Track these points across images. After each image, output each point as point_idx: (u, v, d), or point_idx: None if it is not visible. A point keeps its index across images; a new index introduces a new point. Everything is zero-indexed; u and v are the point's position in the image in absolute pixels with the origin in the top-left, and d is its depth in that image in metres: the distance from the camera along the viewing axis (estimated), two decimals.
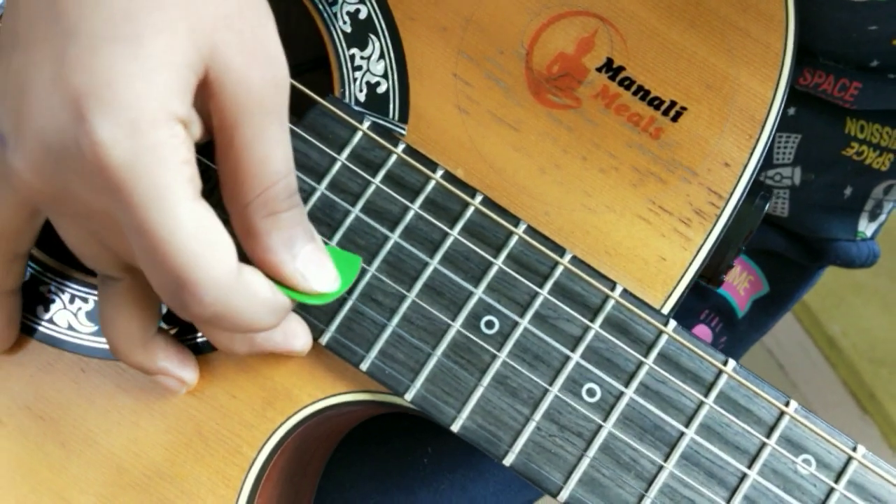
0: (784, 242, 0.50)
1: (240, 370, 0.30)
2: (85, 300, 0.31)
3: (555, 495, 0.28)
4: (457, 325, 0.29)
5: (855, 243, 0.50)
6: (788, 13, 0.31)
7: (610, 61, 0.31)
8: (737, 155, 0.30)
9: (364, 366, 0.29)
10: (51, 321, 0.30)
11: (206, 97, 0.24)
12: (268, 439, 0.29)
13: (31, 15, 0.24)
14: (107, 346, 0.30)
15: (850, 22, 0.38)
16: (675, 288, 0.30)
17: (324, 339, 0.29)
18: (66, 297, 0.31)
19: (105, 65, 0.22)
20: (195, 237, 0.22)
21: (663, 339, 0.28)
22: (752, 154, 0.30)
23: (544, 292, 0.29)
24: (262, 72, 0.24)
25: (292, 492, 0.34)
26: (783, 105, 0.31)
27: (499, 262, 0.29)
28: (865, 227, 0.50)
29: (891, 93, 0.42)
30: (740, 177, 0.30)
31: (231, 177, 0.24)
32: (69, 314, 0.30)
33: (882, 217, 0.51)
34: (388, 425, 0.42)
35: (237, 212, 0.25)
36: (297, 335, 0.29)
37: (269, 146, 0.24)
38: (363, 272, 0.29)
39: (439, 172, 0.30)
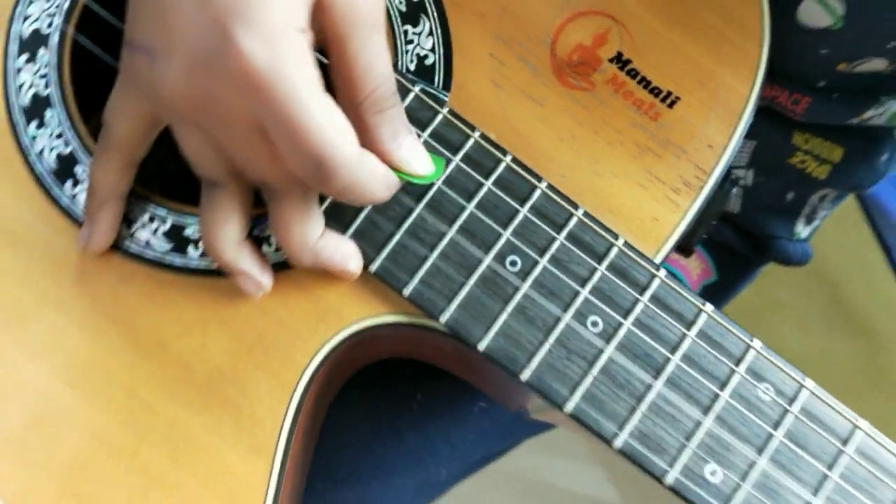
0: (734, 236, 0.57)
1: (298, 288, 0.35)
2: (163, 221, 0.35)
3: (561, 407, 0.34)
4: (486, 261, 0.34)
5: (792, 242, 0.58)
6: (764, 28, 0.38)
7: (620, 54, 0.37)
8: (719, 139, 0.37)
9: (406, 291, 0.34)
10: (132, 237, 0.35)
11: (319, 14, 0.29)
12: (318, 350, 0.34)
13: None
14: (179, 262, 0.34)
15: (806, 45, 0.46)
16: (664, 244, 0.36)
17: (373, 267, 0.34)
18: (146, 217, 0.35)
19: (276, 29, 0.28)
20: (328, 124, 0.28)
21: (655, 283, 0.34)
22: (730, 139, 0.37)
23: (560, 238, 0.35)
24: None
25: (318, 411, 0.39)
26: (756, 103, 0.38)
27: (524, 211, 0.35)
28: (802, 230, 0.58)
29: (833, 110, 0.50)
30: (720, 157, 0.37)
31: (344, 81, 0.30)
32: (148, 232, 0.35)
33: (816, 222, 0.58)
34: (383, 374, 0.47)
35: (351, 111, 0.30)
36: (351, 257, 0.34)
37: (373, 54, 0.30)
38: (409, 210, 0.35)
39: (477, 133, 0.35)
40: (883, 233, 0.65)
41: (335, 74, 0.30)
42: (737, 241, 0.58)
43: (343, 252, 0.33)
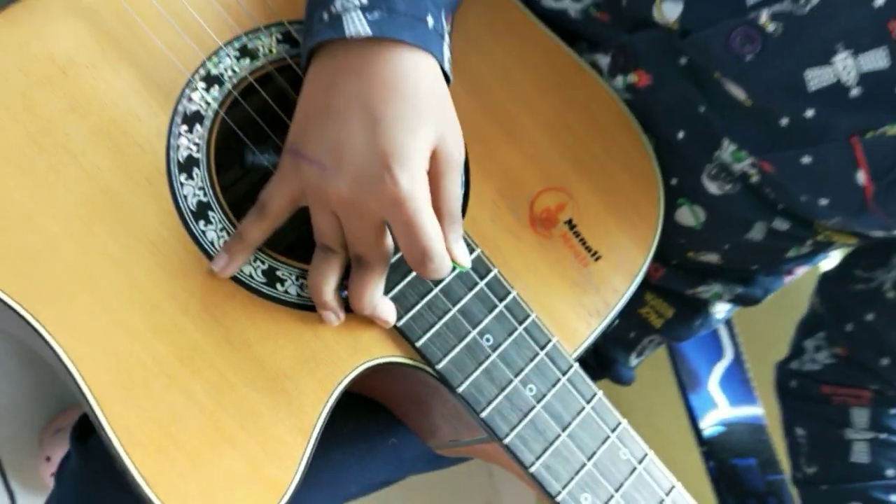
0: (589, 351, 0.78)
1: (346, 327, 0.51)
2: (262, 262, 0.50)
3: (501, 439, 0.51)
4: (472, 334, 0.52)
5: (626, 368, 0.79)
6: (658, 223, 0.59)
7: (571, 220, 0.57)
8: (621, 287, 0.57)
9: (418, 343, 0.51)
10: (240, 270, 0.50)
11: (430, 156, 0.46)
12: (351, 371, 0.50)
13: (345, 102, 0.46)
14: (268, 292, 0.50)
15: (672, 235, 0.67)
16: (578, 347, 0.55)
17: (399, 323, 0.51)
18: (251, 257, 0.50)
19: (399, 139, 0.45)
20: (434, 230, 0.45)
21: (572, 370, 0.53)
22: (628, 288, 0.57)
23: (520, 329, 0.53)
24: (457, 148, 0.47)
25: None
26: (646, 269, 0.58)
27: (500, 307, 0.53)
28: (633, 360, 0.80)
29: (678, 282, 0.71)
30: (620, 298, 0.57)
31: (434, 201, 0.47)
32: (251, 268, 0.50)
33: (643, 357, 0.80)
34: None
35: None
36: (392, 314, 0.50)
37: (454, 186, 0.47)
38: (429, 290, 0.52)
39: (478, 249, 0.54)
40: (681, 373, 0.88)
41: (431, 196, 0.47)
42: (590, 355, 0.79)
43: (388, 309, 0.50)
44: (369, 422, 0.67)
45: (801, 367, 0.73)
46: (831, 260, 0.75)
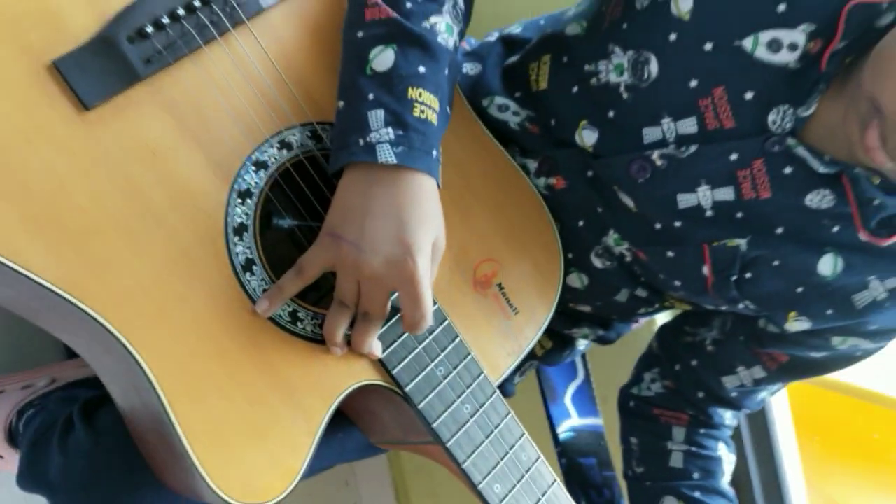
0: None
1: (343, 356, 0.69)
2: (288, 305, 0.68)
3: (444, 443, 0.71)
4: (431, 366, 0.72)
5: (510, 384, 1.01)
6: (555, 298, 0.81)
7: (501, 284, 0.78)
8: (530, 335, 0.79)
9: (394, 371, 0.70)
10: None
11: None
12: (345, 389, 0.69)
13: (379, 206, 0.64)
14: (290, 328, 0.67)
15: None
16: (499, 379, 0.76)
17: (382, 355, 0.70)
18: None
19: (416, 235, 0.64)
20: (429, 298, 0.64)
21: (495, 395, 0.74)
22: (535, 337, 0.79)
23: (462, 363, 0.73)
24: (443, 241, 0.67)
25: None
26: (547, 324, 0.80)
27: (450, 347, 0.73)
28: (517, 379, 1.02)
29: (558, 323, 0.94)
30: (530, 343, 0.78)
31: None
32: (280, 310, 0.67)
33: (524, 377, 1.03)
34: None
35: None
36: (379, 350, 0.69)
37: (436, 267, 0.67)
38: (402, 333, 0.71)
39: (436, 305, 0.73)
40: (544, 389, 1.11)
41: None
42: None
43: (377, 347, 0.69)
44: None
45: (639, 393, 0.98)
46: (667, 315, 1.00)
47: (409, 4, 0.69)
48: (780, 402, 1.17)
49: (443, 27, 0.70)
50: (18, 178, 0.58)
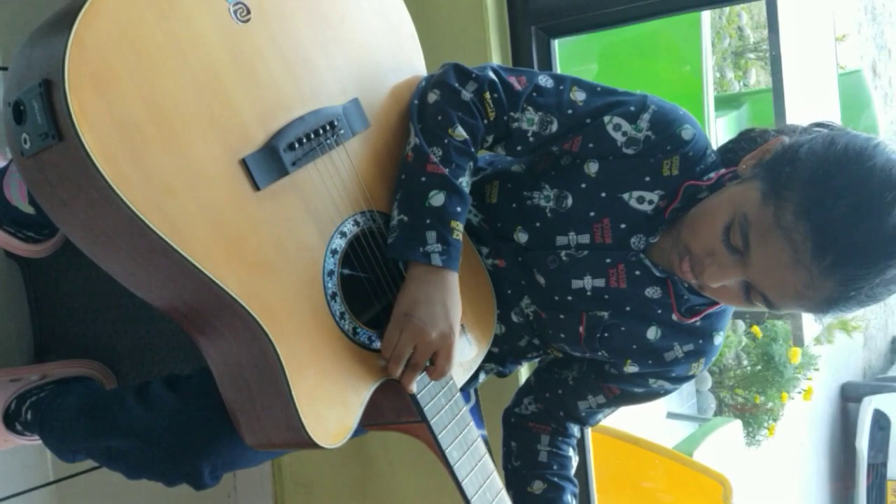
0: None
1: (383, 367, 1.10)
2: (352, 324, 1.07)
3: (431, 427, 1.12)
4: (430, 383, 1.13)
5: None
6: (492, 335, 1.26)
7: (463, 326, 1.22)
8: (473, 366, 1.23)
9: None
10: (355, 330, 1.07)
11: None
12: (381, 379, 1.09)
13: (433, 297, 1.07)
14: (352, 338, 1.08)
15: None
16: (459, 385, 1.19)
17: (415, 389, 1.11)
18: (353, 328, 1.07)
19: (453, 318, 1.08)
20: (454, 357, 1.07)
21: (471, 403, 1.17)
22: (476, 366, 1.23)
23: (449, 384, 1.15)
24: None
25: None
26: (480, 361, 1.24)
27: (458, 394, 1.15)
28: None
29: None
30: (473, 370, 1.22)
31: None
32: (350, 328, 1.07)
33: None
34: None
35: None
36: (415, 386, 1.10)
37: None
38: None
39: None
40: None
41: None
42: None
43: (415, 385, 1.10)
44: None
45: (519, 412, 1.43)
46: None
47: (453, 165, 1.13)
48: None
49: (467, 180, 1.16)
50: (227, 232, 0.96)
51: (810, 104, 3.14)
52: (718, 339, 1.32)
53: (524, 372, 1.65)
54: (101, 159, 0.86)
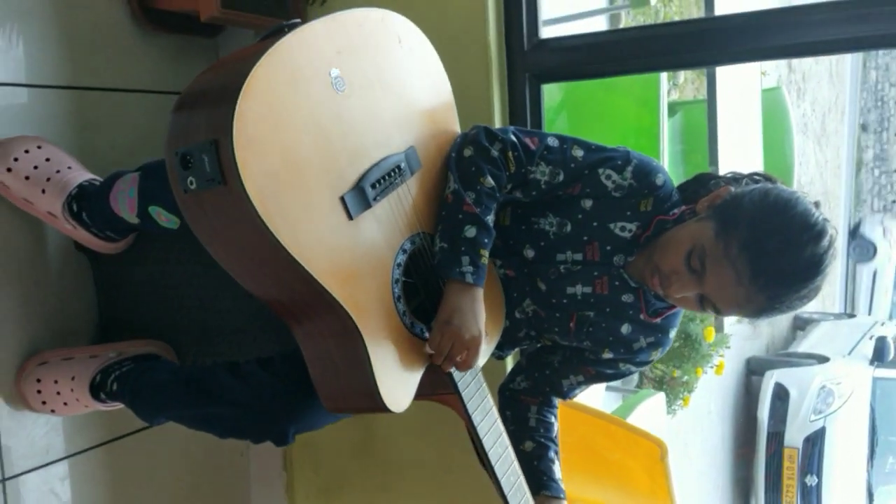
0: None
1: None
2: (411, 320, 1.42)
3: (462, 396, 1.47)
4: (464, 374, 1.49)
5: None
6: (501, 328, 1.62)
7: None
8: (490, 350, 1.59)
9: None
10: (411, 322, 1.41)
11: None
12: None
13: (467, 308, 1.41)
14: (409, 329, 1.42)
15: None
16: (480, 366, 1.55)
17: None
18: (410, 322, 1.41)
19: (482, 325, 1.42)
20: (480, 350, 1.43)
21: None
22: (489, 352, 1.59)
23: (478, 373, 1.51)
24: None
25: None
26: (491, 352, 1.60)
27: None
28: None
29: None
30: (489, 353, 1.58)
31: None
32: (409, 321, 1.41)
33: None
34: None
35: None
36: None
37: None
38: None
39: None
40: None
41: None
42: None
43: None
44: None
45: (513, 386, 1.80)
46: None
47: (483, 206, 1.46)
48: None
49: (493, 218, 1.49)
50: (333, 252, 1.28)
51: (737, 118, 3.58)
52: (672, 333, 1.71)
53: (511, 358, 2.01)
54: (256, 200, 1.18)
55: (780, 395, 8.27)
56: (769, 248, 1.40)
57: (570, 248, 1.60)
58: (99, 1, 1.96)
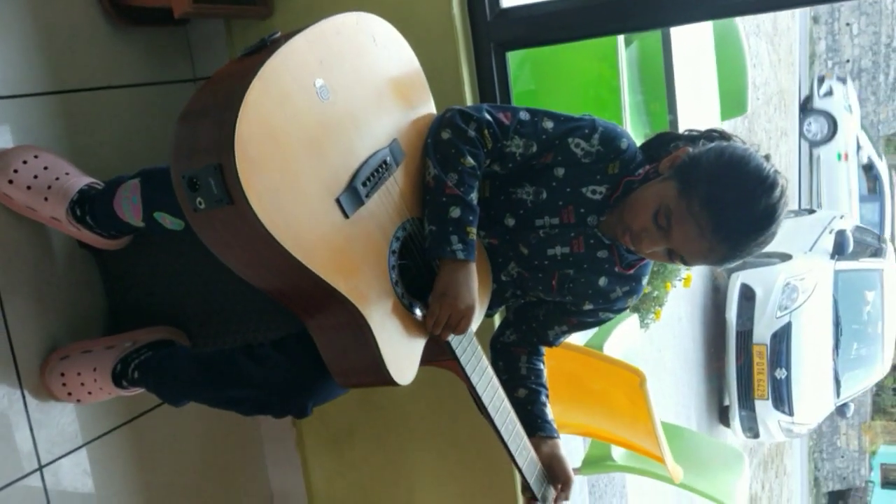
0: None
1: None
2: (406, 297, 1.55)
3: (462, 365, 1.63)
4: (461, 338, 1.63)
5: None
6: (489, 294, 1.76)
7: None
8: (482, 313, 1.73)
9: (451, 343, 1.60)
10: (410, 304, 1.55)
11: None
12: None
13: (462, 281, 1.55)
14: (403, 302, 1.57)
15: None
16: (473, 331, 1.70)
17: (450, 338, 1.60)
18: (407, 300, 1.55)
19: (475, 296, 1.57)
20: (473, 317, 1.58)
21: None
22: (482, 315, 1.74)
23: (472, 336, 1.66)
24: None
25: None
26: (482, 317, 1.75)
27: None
28: None
29: None
30: (482, 316, 1.73)
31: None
32: (399, 297, 1.55)
33: None
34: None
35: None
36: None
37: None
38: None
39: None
40: None
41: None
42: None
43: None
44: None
45: (503, 339, 1.95)
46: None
47: (465, 186, 1.59)
48: None
49: (476, 196, 1.62)
50: (334, 251, 1.41)
51: (691, 46, 3.68)
52: (644, 281, 1.87)
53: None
54: (262, 215, 1.29)
55: (747, 294, 8.58)
56: (727, 202, 1.55)
57: (548, 214, 1.73)
58: (72, 4, 2.02)
